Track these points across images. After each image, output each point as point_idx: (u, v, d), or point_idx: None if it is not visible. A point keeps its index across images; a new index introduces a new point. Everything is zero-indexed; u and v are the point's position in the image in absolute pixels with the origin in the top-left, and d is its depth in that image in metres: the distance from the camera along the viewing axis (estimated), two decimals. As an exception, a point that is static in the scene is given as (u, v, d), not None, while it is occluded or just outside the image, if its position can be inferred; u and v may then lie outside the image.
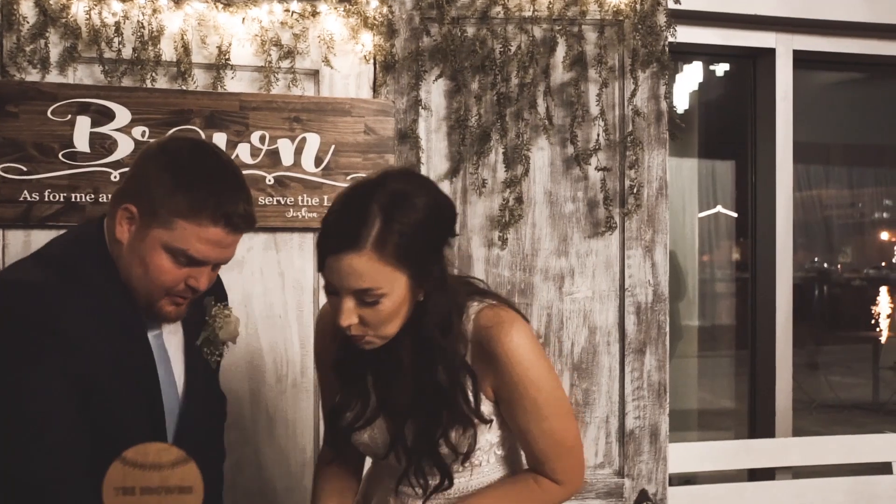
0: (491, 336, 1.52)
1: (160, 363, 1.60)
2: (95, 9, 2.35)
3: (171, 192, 1.49)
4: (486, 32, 2.57)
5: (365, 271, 1.42)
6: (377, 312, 1.46)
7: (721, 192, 4.18)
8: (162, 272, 1.51)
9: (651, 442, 2.62)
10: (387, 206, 1.43)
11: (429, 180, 1.59)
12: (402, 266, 1.44)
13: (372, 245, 1.41)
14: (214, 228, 1.50)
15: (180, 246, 1.50)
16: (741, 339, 3.51)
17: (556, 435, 1.57)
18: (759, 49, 3.20)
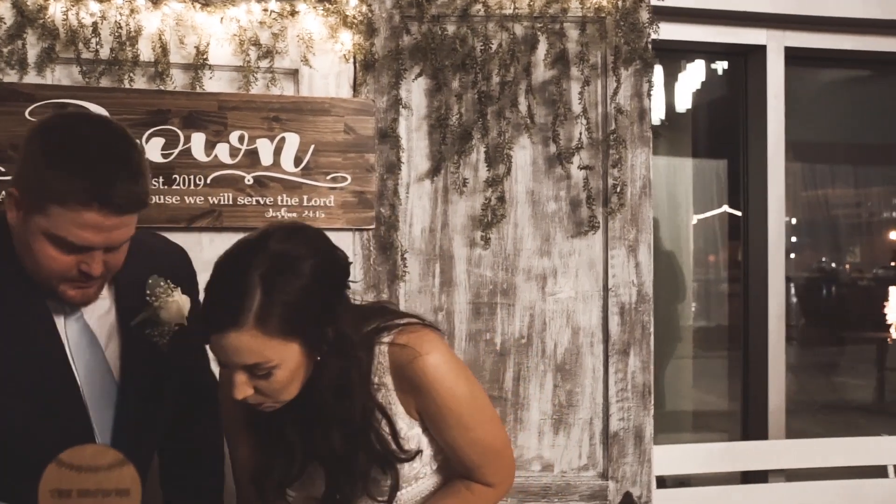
0: (404, 364, 1.49)
1: (82, 347, 1.54)
2: (73, 9, 2.35)
3: (43, 175, 1.40)
4: (467, 30, 2.55)
5: (251, 348, 1.34)
6: (271, 383, 1.39)
7: (731, 192, 4.13)
8: (48, 259, 1.44)
9: (636, 444, 2.59)
10: (267, 275, 1.34)
11: (316, 236, 1.48)
12: (290, 335, 1.37)
13: (255, 320, 1.33)
14: (88, 213, 1.39)
15: (57, 233, 1.41)
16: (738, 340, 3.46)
17: (483, 443, 1.57)
18: (750, 46, 3.16)
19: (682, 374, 3.92)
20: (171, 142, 2.39)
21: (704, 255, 4.22)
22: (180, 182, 2.40)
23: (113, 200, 1.40)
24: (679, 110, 3.84)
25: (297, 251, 1.39)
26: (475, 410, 1.55)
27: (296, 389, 1.43)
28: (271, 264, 1.36)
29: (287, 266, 1.36)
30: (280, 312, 1.34)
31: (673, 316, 3.88)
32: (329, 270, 1.43)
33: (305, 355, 1.41)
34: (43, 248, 1.43)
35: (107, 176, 1.41)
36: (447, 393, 1.50)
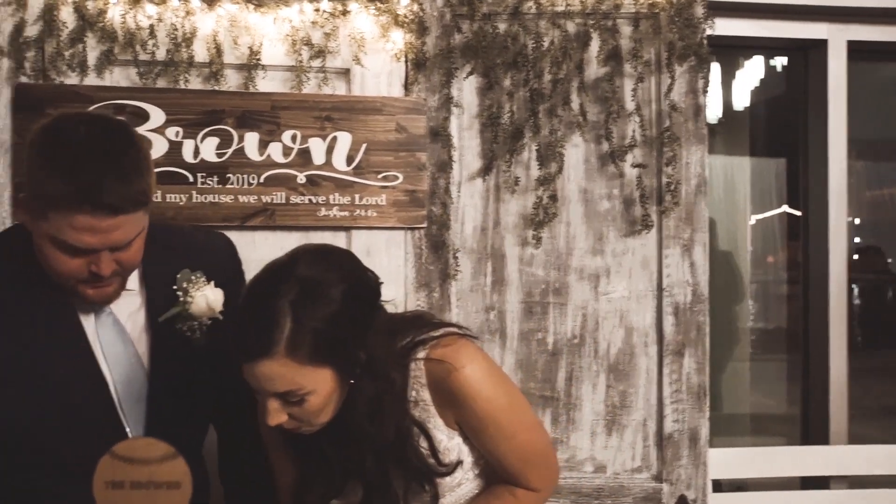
0: (441, 379, 1.48)
1: (113, 343, 1.56)
2: (131, 12, 2.40)
3: (38, 179, 1.41)
4: (518, 28, 2.53)
5: (282, 376, 1.34)
6: (304, 410, 1.39)
7: (790, 191, 4.03)
8: (57, 263, 1.45)
9: (690, 446, 2.54)
10: (297, 303, 1.33)
11: (346, 259, 1.47)
12: (322, 362, 1.36)
13: (286, 349, 1.32)
14: (81, 216, 1.39)
15: (59, 237, 1.41)
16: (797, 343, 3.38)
17: (525, 449, 1.56)
18: (811, 41, 3.08)
19: (739, 377, 3.84)
20: (225, 141, 2.42)
21: (763, 256, 4.13)
22: (234, 181, 2.43)
23: (104, 201, 1.39)
24: (736, 108, 3.77)
25: (327, 276, 1.38)
26: (515, 418, 1.54)
27: (330, 413, 1.43)
28: (301, 290, 1.34)
29: (317, 292, 1.35)
30: (311, 340, 1.33)
31: (730, 317, 3.81)
32: (359, 294, 1.42)
33: (338, 380, 1.40)
34: (51, 252, 1.44)
35: (95, 177, 1.39)
36: (486, 404, 1.49)
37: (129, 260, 1.50)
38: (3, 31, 2.34)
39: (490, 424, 1.51)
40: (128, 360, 1.58)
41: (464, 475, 1.58)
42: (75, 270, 1.46)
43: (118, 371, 1.56)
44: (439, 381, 1.48)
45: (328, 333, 1.35)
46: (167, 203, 2.38)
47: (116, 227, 1.42)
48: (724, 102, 3.73)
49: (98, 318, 1.57)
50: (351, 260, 1.47)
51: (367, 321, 1.43)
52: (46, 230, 1.42)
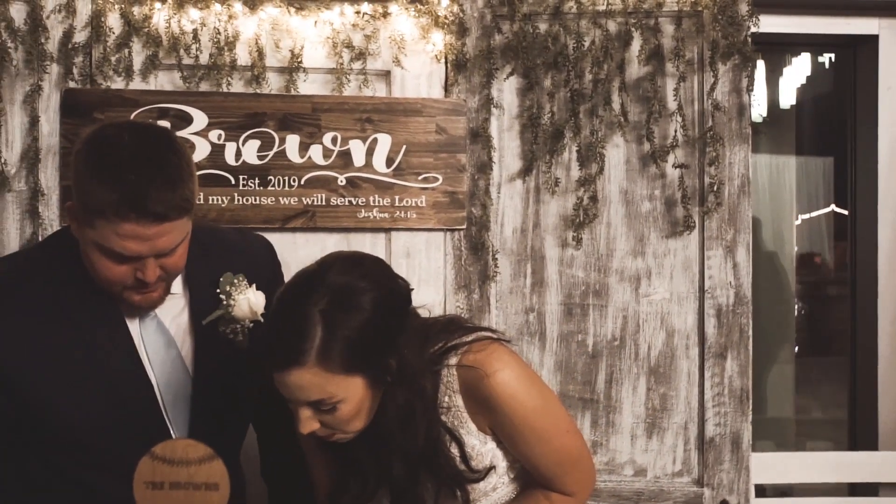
0: (473, 385, 1.47)
1: (158, 346, 1.59)
2: (175, 17, 2.43)
3: (86, 188, 1.44)
4: (559, 28, 2.52)
5: (314, 385, 1.34)
6: (337, 418, 1.40)
7: (837, 191, 3.96)
8: (104, 270, 1.47)
9: (733, 450, 2.51)
10: (328, 312, 1.34)
11: (376, 267, 1.47)
12: (354, 370, 1.36)
13: (316, 358, 1.33)
14: (127, 223, 1.41)
15: (105, 244, 1.44)
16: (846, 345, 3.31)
17: (560, 453, 1.55)
18: (861, 36, 3.01)
19: (785, 379, 3.77)
20: (267, 144, 2.45)
21: (810, 256, 4.06)
22: (275, 183, 2.45)
23: (149, 209, 1.41)
24: (782, 106, 3.70)
25: (358, 285, 1.38)
26: (550, 422, 1.53)
27: (364, 421, 1.44)
28: (332, 299, 1.35)
29: (347, 300, 1.35)
30: (342, 348, 1.33)
31: (775, 318, 3.75)
32: (390, 302, 1.42)
33: (370, 388, 1.40)
34: (98, 259, 1.47)
35: (140, 185, 1.41)
36: (520, 408, 1.48)
37: (174, 266, 1.53)
38: (53, 37, 2.39)
39: (524, 429, 1.50)
40: (171, 363, 1.61)
41: (498, 479, 1.58)
42: (121, 277, 1.48)
43: (162, 373, 1.59)
44: (472, 387, 1.48)
45: (359, 342, 1.35)
46: (209, 205, 2.41)
47: (162, 235, 1.44)
48: (770, 100, 3.67)
49: (143, 322, 1.60)
50: (381, 267, 1.48)
51: (398, 328, 1.42)
52: (93, 237, 1.45)
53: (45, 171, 2.37)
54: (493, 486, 1.58)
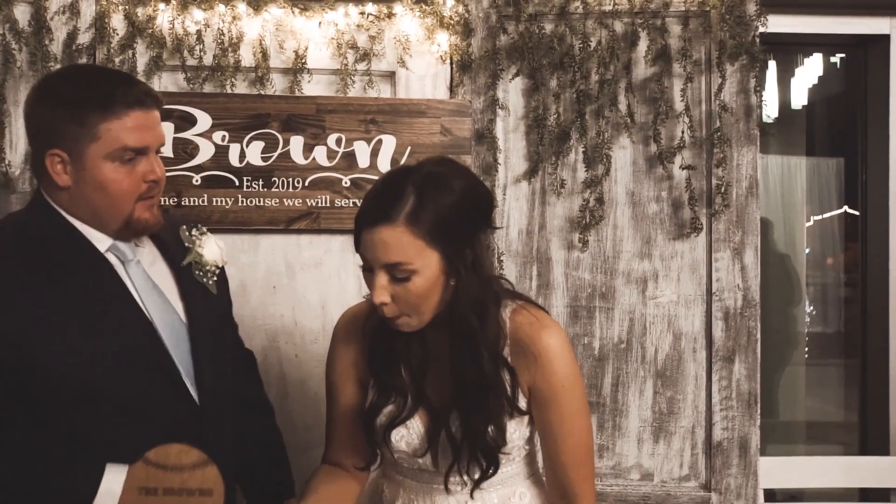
0: (531, 335, 1.54)
1: (147, 290, 1.61)
2: (178, 18, 2.43)
3: (79, 109, 1.50)
4: (565, 29, 2.50)
5: (396, 244, 1.43)
6: (408, 290, 1.46)
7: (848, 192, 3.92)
8: (120, 182, 1.53)
9: (740, 455, 2.48)
10: (421, 186, 1.45)
11: (467, 169, 1.59)
12: (434, 243, 1.44)
13: (405, 219, 1.42)
14: (137, 112, 1.53)
15: (117, 145, 1.51)
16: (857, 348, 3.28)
17: (581, 435, 1.58)
18: (872, 36, 2.97)
19: (795, 382, 3.74)
20: (271, 145, 2.44)
21: (822, 258, 4.02)
22: (279, 184, 2.44)
23: (142, 98, 1.54)
24: (793, 106, 3.67)
25: (451, 173, 1.50)
26: (579, 399, 1.57)
27: (429, 309, 1.49)
28: (426, 178, 1.47)
29: (440, 183, 1.47)
30: (428, 218, 1.43)
31: (786, 321, 3.71)
32: (476, 196, 1.51)
33: (443, 270, 1.47)
34: (111, 174, 1.52)
35: (122, 83, 1.55)
36: (562, 370, 1.53)
37: (163, 171, 1.61)
38: (57, 39, 2.39)
39: (559, 392, 1.54)
40: (163, 305, 1.63)
41: (517, 449, 1.60)
42: (134, 186, 1.55)
43: (157, 316, 1.61)
44: (524, 335, 1.54)
45: (444, 218, 1.45)
46: (213, 206, 2.41)
47: (157, 123, 1.57)
48: (781, 101, 3.63)
49: (128, 269, 1.62)
50: (471, 171, 1.62)
51: (479, 223, 1.52)
52: (101, 150, 1.51)
53: (48, 172, 2.37)
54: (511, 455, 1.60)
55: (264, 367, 2.47)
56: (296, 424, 2.49)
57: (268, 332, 2.49)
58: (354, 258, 2.50)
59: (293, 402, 2.50)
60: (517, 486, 1.65)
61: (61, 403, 1.49)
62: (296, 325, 2.50)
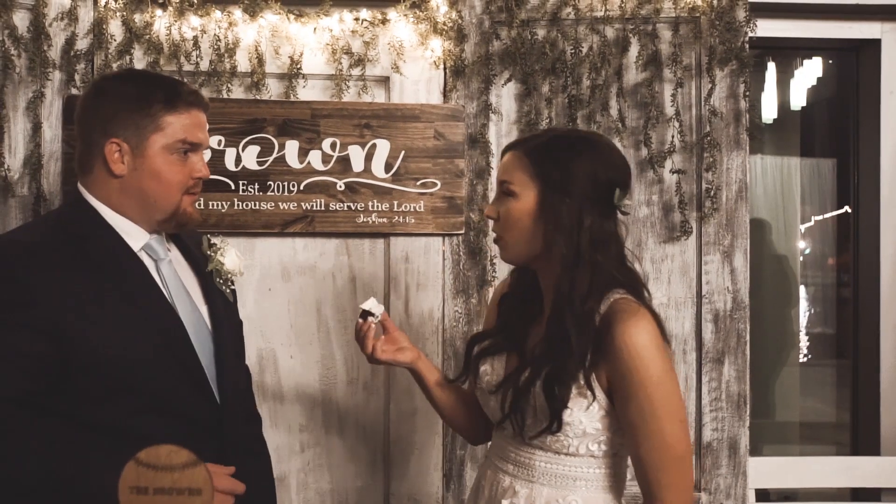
0: (614, 323, 1.54)
1: (177, 290, 1.69)
2: (175, 24, 2.46)
3: (147, 102, 1.63)
4: (557, 34, 2.53)
5: (511, 165, 1.66)
6: (506, 210, 1.65)
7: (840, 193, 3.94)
8: (173, 171, 1.65)
9: (730, 455, 2.51)
10: (559, 138, 1.67)
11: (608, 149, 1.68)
12: (534, 178, 1.62)
13: (526, 149, 1.65)
14: (196, 111, 1.68)
15: (177, 138, 1.65)
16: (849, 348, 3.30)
17: (665, 438, 1.53)
18: (863, 41, 2.99)
19: (789, 383, 3.76)
20: (266, 149, 2.48)
21: (821, 258, 4.03)
22: (275, 188, 2.48)
23: (202, 100, 1.71)
24: (787, 109, 3.69)
25: (591, 147, 1.64)
26: (667, 403, 1.53)
27: (521, 238, 1.64)
28: (567, 136, 1.70)
29: (571, 139, 1.67)
30: (539, 156, 1.62)
31: (781, 321, 3.74)
32: (596, 163, 1.62)
33: (538, 207, 1.62)
34: (167, 163, 1.65)
35: (183, 85, 1.71)
36: (642, 368, 1.52)
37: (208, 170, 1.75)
38: (56, 45, 2.43)
39: (641, 392, 1.52)
40: (190, 306, 1.71)
41: (580, 442, 1.60)
42: (184, 179, 1.67)
43: (184, 315, 1.67)
44: (609, 325, 1.54)
45: (554, 164, 1.61)
46: (209, 210, 2.44)
47: (207, 126, 1.72)
48: (778, 103, 3.65)
49: (160, 266, 1.70)
50: (615, 156, 1.68)
51: (589, 189, 1.60)
52: (162, 141, 1.64)
53: (47, 176, 2.41)
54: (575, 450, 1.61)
55: (260, 369, 2.51)
56: (290, 425, 2.53)
57: (264, 334, 2.52)
58: (349, 261, 2.55)
59: (289, 403, 2.53)
60: (573, 491, 1.62)
61: (94, 394, 1.54)
62: (291, 327, 2.53)
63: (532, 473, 1.64)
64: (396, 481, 2.54)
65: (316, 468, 2.54)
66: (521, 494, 1.65)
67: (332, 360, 2.55)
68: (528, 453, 1.66)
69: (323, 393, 2.55)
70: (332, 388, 2.55)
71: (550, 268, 1.63)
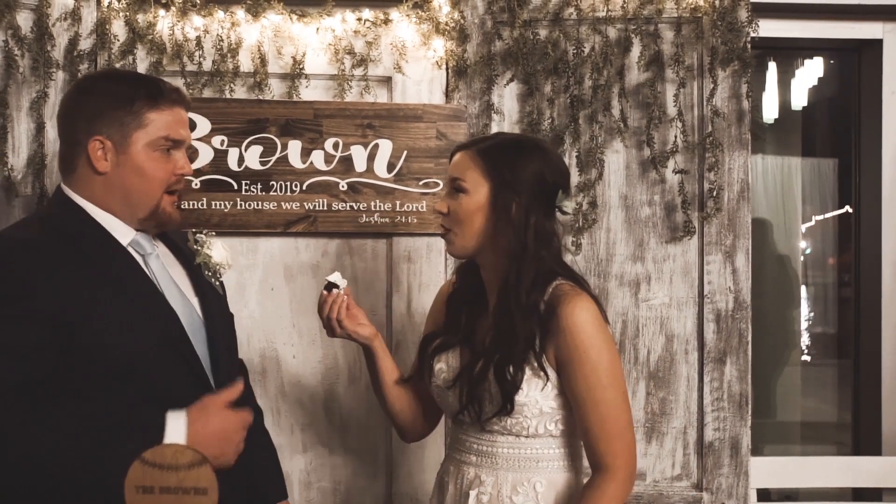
0: (558, 305, 1.67)
1: (167, 283, 1.71)
2: (178, 24, 2.47)
3: (130, 99, 1.65)
4: (559, 34, 2.53)
5: (462, 164, 1.75)
6: (457, 205, 1.74)
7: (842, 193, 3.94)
8: (157, 168, 1.67)
9: (732, 455, 2.51)
10: (511, 140, 1.80)
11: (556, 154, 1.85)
12: (486, 177, 1.72)
13: (477, 150, 1.75)
14: (178, 108, 1.71)
15: (160, 135, 1.66)
16: (850, 348, 3.30)
17: (610, 408, 1.65)
18: (865, 41, 3.00)
19: (791, 383, 3.76)
20: (269, 149, 2.48)
21: (822, 258, 4.04)
22: (277, 188, 2.48)
23: (183, 97, 1.74)
24: (789, 109, 3.69)
25: (537, 144, 1.82)
26: (609, 374, 1.66)
27: (471, 234, 1.74)
28: (518, 140, 1.83)
29: (521, 142, 1.80)
30: (492, 157, 1.72)
31: (782, 321, 3.74)
32: (542, 165, 1.73)
33: (489, 203, 1.72)
34: (149, 160, 1.66)
35: (164, 83, 1.73)
36: (584, 341, 1.64)
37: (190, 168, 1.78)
38: (59, 45, 2.43)
39: (585, 365, 1.65)
40: (181, 299, 1.72)
41: (538, 423, 1.69)
42: (167, 173, 1.69)
43: (177, 307, 1.69)
44: (554, 305, 1.67)
45: (506, 165, 1.72)
46: (212, 210, 2.45)
47: (188, 123, 1.76)
48: (779, 103, 3.66)
49: (148, 260, 1.71)
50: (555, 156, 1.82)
51: (535, 189, 1.71)
52: (145, 137, 1.65)
53: (50, 176, 2.42)
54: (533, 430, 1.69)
55: (262, 368, 2.52)
56: (293, 425, 2.54)
57: (266, 334, 2.53)
58: (352, 261, 2.56)
59: (291, 402, 2.54)
60: (536, 473, 1.72)
61: (96, 383, 1.55)
62: (293, 326, 2.54)
63: (496, 460, 1.73)
64: (398, 481, 2.55)
65: (318, 468, 2.55)
66: (488, 482, 1.73)
67: (334, 360, 2.56)
68: (489, 441, 1.74)
69: (325, 393, 2.55)
70: (334, 388, 2.56)
71: (495, 261, 1.75)
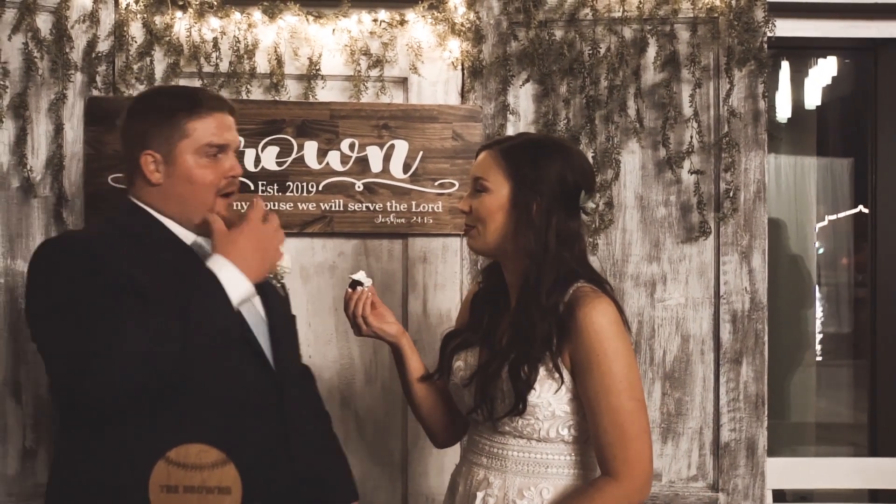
0: (577, 307, 1.63)
1: None
2: (195, 26, 2.48)
3: (171, 112, 1.72)
4: (575, 35, 2.53)
5: (484, 163, 1.74)
6: (479, 204, 1.72)
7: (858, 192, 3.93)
8: (205, 174, 1.72)
9: (748, 456, 2.51)
10: (535, 141, 1.78)
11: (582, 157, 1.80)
12: (508, 177, 1.70)
13: (499, 148, 1.74)
14: (219, 114, 1.75)
15: (204, 142, 1.72)
16: (867, 348, 3.29)
17: (622, 413, 1.59)
18: (881, 40, 2.98)
19: (805, 383, 3.75)
20: (285, 150, 2.49)
21: (836, 258, 4.02)
22: (293, 189, 2.49)
23: (225, 104, 1.79)
24: (804, 108, 3.68)
25: (563, 147, 1.77)
26: (625, 380, 1.60)
27: (493, 232, 1.72)
28: (543, 140, 1.82)
29: (544, 143, 1.78)
30: (514, 157, 1.71)
31: (797, 321, 3.73)
32: (565, 166, 1.71)
33: (510, 202, 1.70)
34: (197, 167, 1.72)
35: (206, 91, 1.86)
36: (602, 346, 1.60)
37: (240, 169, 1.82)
38: (77, 47, 2.45)
39: (599, 368, 1.60)
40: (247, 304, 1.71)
41: (550, 426, 1.66)
42: (217, 177, 1.74)
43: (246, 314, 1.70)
44: (573, 307, 1.63)
45: (529, 165, 1.70)
46: (229, 211, 2.45)
47: (234, 126, 1.80)
48: (793, 102, 3.64)
49: None
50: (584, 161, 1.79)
51: (557, 190, 1.69)
52: (191, 146, 1.71)
53: (69, 177, 2.43)
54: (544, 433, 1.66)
55: (279, 368, 2.52)
56: (310, 424, 2.54)
57: (282, 334, 2.54)
58: (367, 261, 2.56)
59: (307, 402, 2.55)
60: (544, 479, 1.68)
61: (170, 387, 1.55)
62: (309, 326, 2.55)
63: (505, 464, 1.71)
64: (414, 481, 2.56)
65: (334, 467, 2.55)
66: (496, 485, 1.70)
67: (350, 360, 2.57)
68: (501, 443, 1.72)
69: (341, 393, 2.56)
70: (350, 389, 2.57)
71: (517, 262, 1.73)
